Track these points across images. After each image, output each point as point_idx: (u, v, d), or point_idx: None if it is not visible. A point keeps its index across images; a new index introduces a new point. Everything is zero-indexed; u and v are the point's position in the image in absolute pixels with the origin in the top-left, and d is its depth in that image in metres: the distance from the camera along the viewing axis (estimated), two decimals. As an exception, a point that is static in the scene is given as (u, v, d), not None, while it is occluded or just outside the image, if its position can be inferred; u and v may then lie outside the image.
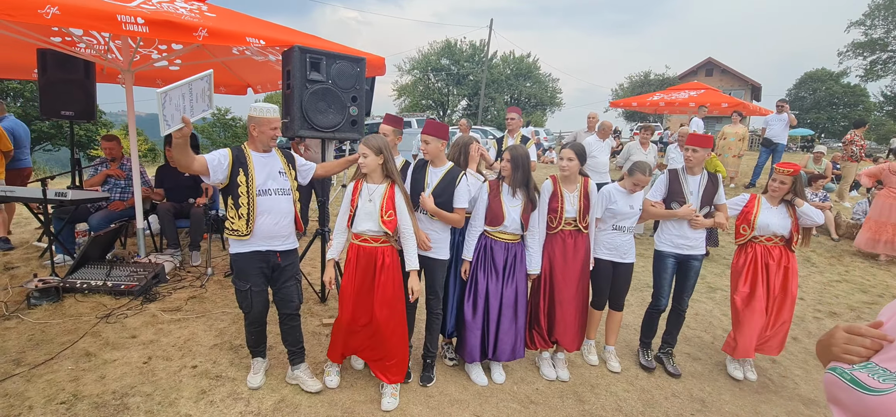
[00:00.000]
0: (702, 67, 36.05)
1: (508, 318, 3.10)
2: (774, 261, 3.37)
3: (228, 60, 6.02)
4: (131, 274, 4.07)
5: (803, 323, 4.62)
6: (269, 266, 2.72)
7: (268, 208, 2.65)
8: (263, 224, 2.65)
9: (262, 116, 2.67)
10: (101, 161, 5.23)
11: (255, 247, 2.66)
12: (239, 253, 2.66)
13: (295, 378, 2.93)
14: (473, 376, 3.18)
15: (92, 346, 3.20)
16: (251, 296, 2.69)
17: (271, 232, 2.68)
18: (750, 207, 3.42)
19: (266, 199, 2.65)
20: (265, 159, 2.73)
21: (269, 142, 2.74)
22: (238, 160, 2.64)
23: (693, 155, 3.32)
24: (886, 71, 35.10)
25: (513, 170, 3.00)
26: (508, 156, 3.02)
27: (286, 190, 2.75)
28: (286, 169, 2.79)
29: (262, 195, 2.64)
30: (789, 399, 3.28)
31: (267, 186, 2.67)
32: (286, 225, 2.74)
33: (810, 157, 9.42)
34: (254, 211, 2.61)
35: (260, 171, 2.67)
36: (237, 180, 2.61)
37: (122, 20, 3.21)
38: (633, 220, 3.33)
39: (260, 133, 2.69)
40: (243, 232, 2.60)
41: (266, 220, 2.65)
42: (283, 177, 2.75)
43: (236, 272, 2.72)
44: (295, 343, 2.93)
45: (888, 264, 6.16)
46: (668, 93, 13.41)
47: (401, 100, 39.93)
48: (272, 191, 2.68)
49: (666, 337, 3.60)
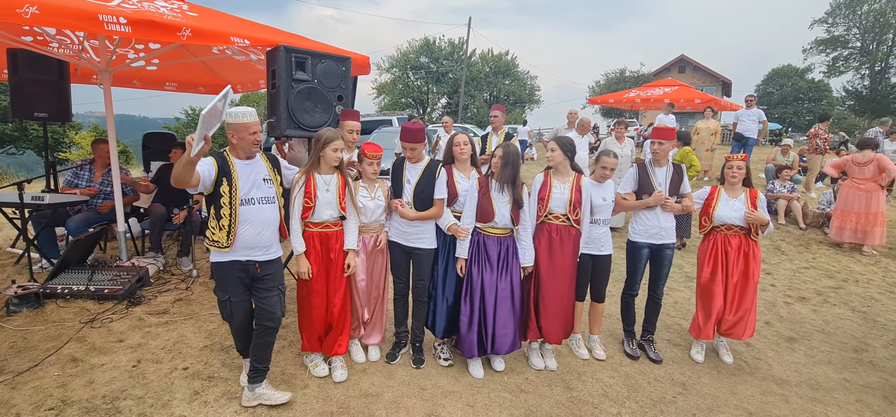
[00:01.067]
0: (675, 64, 36.94)
1: (505, 311, 3.18)
2: (733, 249, 3.54)
3: (208, 60, 5.93)
4: (114, 278, 4.00)
5: (775, 307, 4.85)
6: (248, 276, 2.62)
7: (250, 218, 2.56)
8: (245, 235, 2.55)
9: (239, 122, 2.51)
10: (85, 162, 5.09)
11: (235, 257, 2.56)
12: (218, 263, 2.57)
13: (256, 398, 2.68)
14: (472, 370, 3.24)
15: (78, 352, 3.14)
16: (231, 307, 2.60)
17: (252, 243, 2.58)
18: (710, 200, 3.59)
19: (249, 209, 2.55)
20: (249, 166, 2.60)
21: (252, 148, 2.59)
22: (222, 169, 2.52)
23: (659, 147, 3.49)
24: (847, 67, 36.70)
25: (503, 167, 3.07)
26: (500, 153, 3.10)
27: (271, 198, 2.65)
28: (271, 175, 2.69)
29: (245, 205, 2.54)
30: (763, 380, 3.46)
31: (251, 195, 2.57)
32: (269, 235, 2.65)
33: (778, 150, 9.84)
34: (235, 222, 2.51)
35: (244, 180, 2.55)
36: (220, 190, 2.50)
37: (104, 20, 3.16)
38: (608, 212, 3.44)
39: (240, 140, 2.55)
40: (223, 243, 2.51)
41: (247, 231, 2.55)
42: (268, 184, 2.65)
43: (216, 282, 2.65)
44: (264, 360, 2.71)
45: (851, 251, 6.50)
46: (643, 90, 13.76)
47: (380, 98, 39.73)
48: (256, 199, 2.58)
49: (646, 325, 3.75)
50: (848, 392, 3.36)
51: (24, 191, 4.06)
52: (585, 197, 3.26)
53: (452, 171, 3.28)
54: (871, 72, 35.66)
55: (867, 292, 5.30)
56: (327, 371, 3.05)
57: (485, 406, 2.89)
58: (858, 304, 4.97)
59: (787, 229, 7.46)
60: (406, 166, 3.19)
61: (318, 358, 3.10)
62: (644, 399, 3.11)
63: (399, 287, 3.33)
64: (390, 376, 3.16)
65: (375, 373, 3.18)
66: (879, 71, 35.22)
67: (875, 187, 6.19)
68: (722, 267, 3.56)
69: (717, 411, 3.02)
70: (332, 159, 2.88)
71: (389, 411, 2.78)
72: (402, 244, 3.21)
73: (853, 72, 36.80)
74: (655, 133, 3.57)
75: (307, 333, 3.05)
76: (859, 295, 5.19)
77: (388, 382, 3.08)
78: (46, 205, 4.23)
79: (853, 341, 4.18)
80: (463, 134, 3.36)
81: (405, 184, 3.16)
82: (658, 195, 3.45)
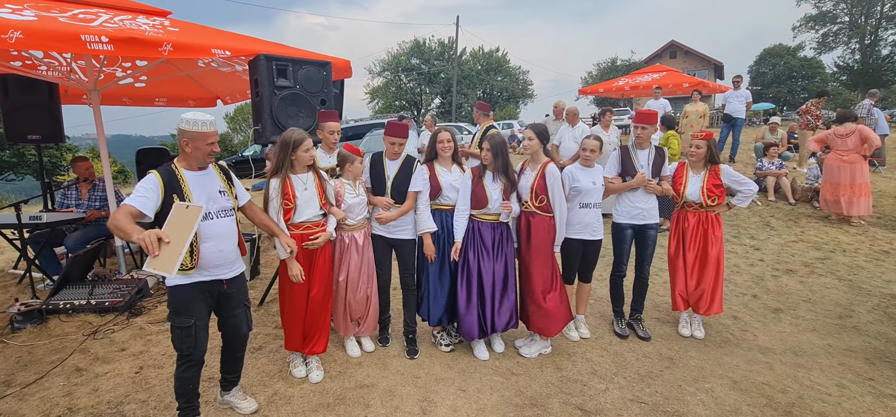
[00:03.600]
0: (666, 50, 37.08)
1: (501, 291, 3.33)
2: (690, 227, 3.67)
3: (195, 73, 6.03)
4: (115, 291, 4.10)
5: (762, 281, 4.95)
6: (213, 296, 2.47)
7: (211, 234, 2.37)
8: (208, 252, 2.36)
9: (195, 131, 2.31)
10: (71, 184, 5.20)
11: (200, 278, 2.37)
12: (180, 286, 2.34)
13: (226, 404, 2.75)
14: (477, 352, 3.39)
15: (82, 362, 3.24)
16: (195, 332, 2.36)
17: (216, 260, 2.41)
18: (679, 176, 3.69)
19: (208, 224, 2.36)
20: (201, 178, 2.41)
21: (206, 160, 2.41)
22: (170, 185, 2.30)
23: (642, 132, 3.58)
24: (837, 42, 36.84)
25: (494, 157, 3.24)
26: (488, 146, 3.27)
27: (228, 210, 2.49)
28: (226, 187, 2.52)
29: (204, 220, 2.33)
30: (749, 350, 3.56)
31: (208, 209, 2.37)
32: (231, 249, 2.49)
33: (767, 128, 9.94)
34: (196, 240, 2.31)
35: (198, 194, 2.36)
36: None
37: (87, 40, 3.25)
38: (599, 196, 3.52)
39: (195, 149, 2.36)
40: (188, 264, 2.29)
41: (210, 247, 2.37)
42: (224, 196, 2.48)
43: (175, 307, 2.37)
44: (234, 370, 2.73)
45: (839, 222, 6.59)
46: (632, 78, 13.84)
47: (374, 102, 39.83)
48: (213, 213, 2.40)
49: (634, 304, 3.85)
50: (831, 357, 3.46)
51: (21, 212, 4.15)
52: (551, 183, 3.25)
53: (435, 167, 3.39)
54: (862, 45, 35.80)
55: (854, 261, 5.39)
56: (305, 372, 3.10)
57: (477, 390, 2.99)
58: (845, 273, 5.06)
59: (777, 205, 7.55)
60: (385, 162, 3.32)
61: (297, 359, 3.15)
62: (632, 374, 3.21)
63: (383, 278, 3.46)
64: (385, 367, 3.26)
65: (370, 365, 3.28)
66: (869, 44, 35.35)
67: (858, 158, 6.28)
68: (680, 243, 3.73)
69: (703, 380, 3.11)
70: (306, 159, 2.91)
71: (384, 399, 2.88)
72: (386, 236, 3.34)
73: (843, 47, 36.96)
74: (638, 118, 3.67)
75: (289, 332, 3.08)
76: (846, 265, 5.29)
77: (383, 373, 3.18)
78: (44, 224, 4.33)
79: (838, 308, 4.28)
80: (446, 131, 3.47)
81: (386, 179, 3.29)
82: (641, 177, 3.54)
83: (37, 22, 3.18)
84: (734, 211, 6.84)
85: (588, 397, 2.92)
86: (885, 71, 34.34)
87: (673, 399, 2.89)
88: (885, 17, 34.16)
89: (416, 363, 3.31)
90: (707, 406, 2.83)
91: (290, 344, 3.11)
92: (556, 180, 3.27)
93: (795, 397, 2.92)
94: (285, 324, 3.09)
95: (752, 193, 3.63)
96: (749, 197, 3.65)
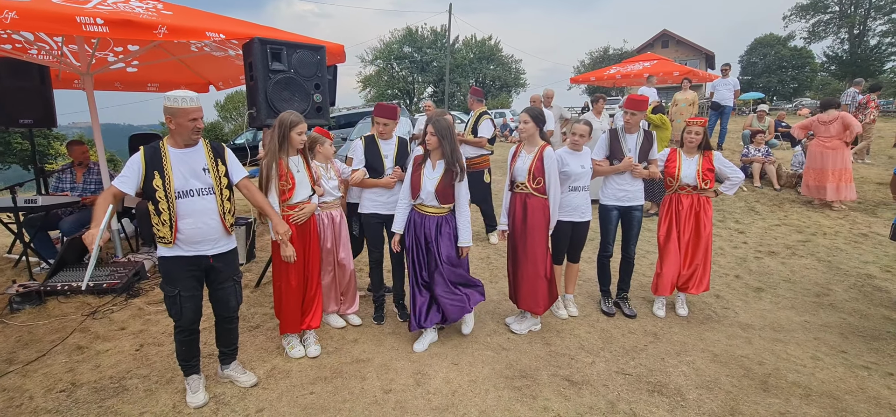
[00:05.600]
0: (658, 39, 37.17)
1: (442, 285, 3.21)
2: (685, 208, 3.77)
3: (187, 58, 6.02)
4: (112, 273, 4.15)
5: (745, 262, 5.11)
6: (200, 269, 2.54)
7: (189, 211, 2.43)
8: (187, 228, 2.43)
9: (177, 107, 2.36)
10: (65, 167, 5.20)
11: (181, 253, 2.46)
12: (165, 258, 2.47)
13: (226, 377, 2.87)
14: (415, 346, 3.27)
15: (82, 341, 3.31)
16: (180, 302, 2.48)
17: (197, 237, 2.47)
18: (672, 162, 3.79)
19: (187, 202, 2.42)
20: (186, 155, 2.47)
21: (191, 136, 2.45)
22: (151, 161, 2.39)
23: (631, 117, 3.68)
24: (827, 32, 37.15)
25: (440, 141, 3.07)
26: (432, 130, 3.07)
27: (209, 188, 2.50)
28: (211, 165, 2.53)
29: (183, 197, 2.41)
30: (730, 326, 3.71)
31: (188, 186, 2.43)
32: (213, 226, 2.51)
33: (754, 116, 10.11)
34: (174, 216, 2.40)
35: (179, 170, 2.42)
36: (153, 184, 2.38)
37: (82, 21, 3.27)
38: (586, 180, 3.62)
39: (178, 126, 2.41)
40: (168, 238, 2.41)
41: (189, 224, 2.43)
42: (208, 174, 2.50)
43: (163, 276, 2.51)
44: (229, 344, 2.83)
45: (822, 207, 6.78)
46: (623, 66, 13.94)
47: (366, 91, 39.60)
48: (195, 191, 2.45)
49: (620, 283, 3.98)
50: (807, 332, 3.62)
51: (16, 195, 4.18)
52: (549, 165, 3.29)
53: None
54: (850, 35, 36.14)
55: (834, 243, 5.58)
56: (303, 351, 3.18)
57: (469, 364, 3.10)
58: (824, 255, 5.24)
59: (763, 191, 7.73)
60: (379, 142, 3.42)
61: (294, 340, 3.20)
62: (617, 348, 3.34)
63: (376, 255, 3.60)
64: (380, 343, 3.36)
65: (366, 341, 3.38)
66: (858, 34, 35.69)
67: (841, 144, 6.45)
68: (675, 225, 3.80)
69: (685, 354, 3.26)
70: (297, 142, 3.00)
71: (379, 372, 2.99)
72: (382, 213, 3.48)
73: (833, 37, 37.29)
74: (628, 103, 3.75)
75: (285, 316, 3.11)
76: (826, 247, 5.47)
77: (378, 348, 3.29)
78: (40, 207, 4.35)
79: (816, 287, 4.45)
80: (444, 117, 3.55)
81: (384, 158, 3.45)
82: (628, 161, 3.65)
83: (31, 3, 3.19)
84: (721, 197, 7.00)
85: (575, 369, 3.05)
86: (873, 60, 34.74)
87: (656, 371, 3.03)
88: (874, 6, 34.49)
89: (410, 338, 3.41)
90: (688, 376, 2.97)
91: (285, 328, 3.15)
92: (553, 163, 3.30)
93: (772, 368, 3.07)
94: (280, 307, 3.10)
95: (739, 181, 3.77)
96: (736, 185, 3.78)
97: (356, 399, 2.72)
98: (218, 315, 2.75)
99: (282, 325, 3.17)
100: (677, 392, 2.80)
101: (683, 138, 3.76)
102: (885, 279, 4.56)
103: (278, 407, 2.64)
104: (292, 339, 3.22)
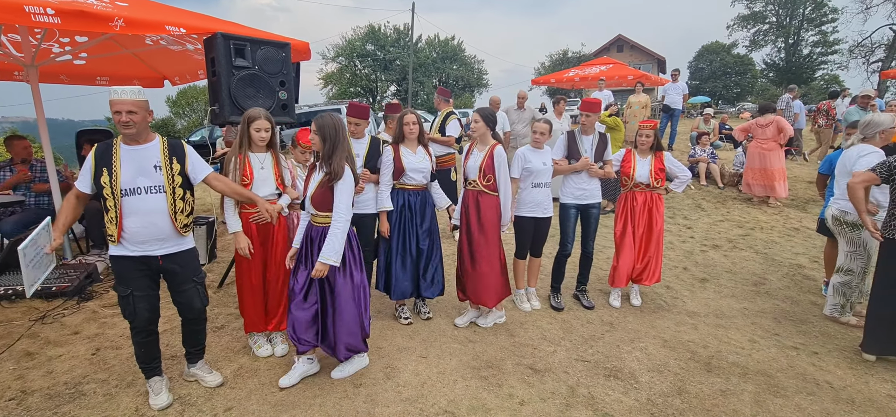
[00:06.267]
0: (613, 44, 38.68)
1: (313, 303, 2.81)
2: (639, 205, 4.03)
3: (141, 52, 5.78)
4: (61, 276, 3.95)
5: (692, 255, 5.48)
6: (151, 270, 2.49)
7: (135, 209, 2.37)
8: (131, 227, 2.37)
9: (110, 100, 2.32)
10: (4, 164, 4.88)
11: (127, 252, 2.41)
12: (115, 257, 2.44)
13: (192, 376, 2.83)
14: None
15: (31, 347, 3.15)
16: (133, 302, 2.43)
17: (142, 236, 2.41)
18: (628, 162, 4.04)
19: (133, 200, 2.37)
20: (136, 152, 2.40)
21: (123, 131, 2.37)
22: (101, 158, 2.37)
23: (586, 119, 3.88)
24: (766, 41, 39.83)
25: (321, 142, 2.66)
26: (315, 127, 2.69)
27: (160, 187, 2.43)
28: (164, 163, 2.45)
29: (129, 195, 2.36)
30: (678, 314, 3.99)
31: (135, 184, 2.38)
32: (162, 225, 2.44)
33: (701, 119, 10.76)
34: (119, 213, 2.36)
35: (128, 168, 2.37)
36: (101, 181, 2.35)
37: (31, 11, 3.11)
38: (547, 176, 3.79)
39: (114, 119, 2.35)
40: (115, 237, 2.38)
41: (133, 223, 2.37)
42: (159, 171, 2.43)
43: (115, 276, 2.49)
44: (195, 344, 2.80)
45: (759, 204, 7.35)
46: (581, 69, 14.47)
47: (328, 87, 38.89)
48: (142, 188, 2.39)
49: (580, 277, 4.19)
50: (745, 318, 3.95)
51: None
52: (498, 163, 3.42)
53: (400, 149, 3.53)
54: (786, 45, 38.91)
55: (770, 237, 6.07)
56: (270, 350, 3.17)
57: (437, 356, 3.20)
58: (761, 247, 5.70)
59: (708, 189, 8.27)
60: (351, 142, 3.41)
61: (260, 339, 3.19)
62: (577, 337, 3.53)
63: None
64: (349, 340, 3.39)
65: (334, 339, 3.40)
66: (793, 44, 38.48)
67: (775, 146, 7.01)
68: (631, 220, 4.05)
69: (638, 341, 3.49)
70: (256, 138, 2.94)
71: (349, 368, 3.02)
72: None
73: (771, 46, 40.02)
74: (583, 106, 3.95)
75: (248, 314, 3.08)
76: (763, 240, 5.95)
77: (347, 345, 3.32)
78: (-22, 208, 4.08)
79: (754, 277, 4.85)
80: (412, 113, 3.60)
81: (355, 157, 3.42)
82: (585, 160, 3.85)
83: (-27, -9, 3.00)
84: (671, 195, 7.44)
85: (538, 358, 3.21)
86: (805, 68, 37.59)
87: (612, 357, 3.23)
88: (806, 19, 37.32)
89: (379, 334, 3.47)
90: (640, 361, 3.19)
91: (249, 327, 3.12)
92: (502, 161, 3.46)
93: (715, 351, 3.35)
94: (244, 306, 3.09)
95: (687, 180, 4.05)
96: (684, 183, 4.06)
97: (326, 394, 2.75)
98: (184, 316, 2.71)
99: (246, 324, 3.14)
100: (631, 376, 3.00)
101: (636, 140, 4.01)
102: (813, 268, 5.02)
103: (247, 405, 2.63)
104: (258, 338, 3.20)
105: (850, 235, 3.61)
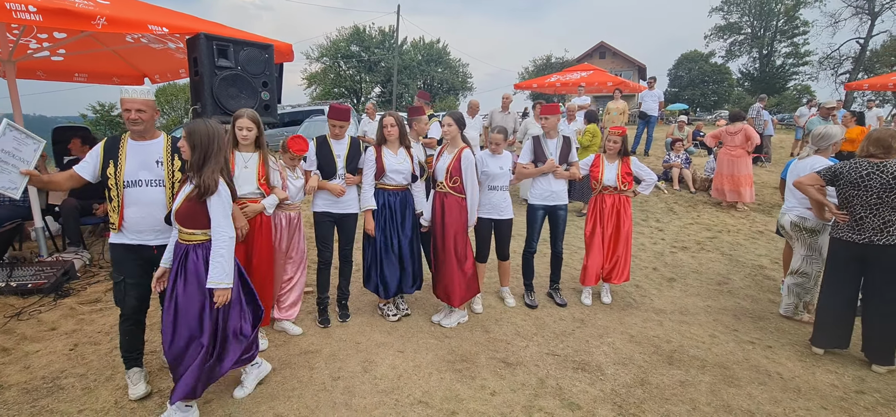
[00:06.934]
0: (596, 51, 39.36)
1: None
2: (607, 207, 4.22)
3: (122, 49, 5.76)
4: (37, 273, 3.93)
5: (662, 256, 5.71)
6: (144, 258, 2.62)
7: (135, 199, 2.54)
8: (131, 216, 2.55)
9: (121, 98, 2.52)
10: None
11: (126, 240, 2.58)
12: (113, 244, 2.61)
13: None
14: None
15: (7, 343, 3.16)
16: (124, 289, 2.59)
17: (140, 226, 2.57)
18: (596, 167, 4.22)
19: (134, 191, 2.54)
20: (141, 147, 2.59)
21: (131, 127, 2.56)
22: (109, 152, 2.55)
23: (546, 122, 4.04)
24: (741, 51, 41.08)
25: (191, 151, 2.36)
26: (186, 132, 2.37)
27: (159, 181, 2.58)
28: (166, 159, 2.62)
29: (131, 186, 2.54)
30: (646, 311, 4.19)
31: (137, 176, 2.55)
32: (160, 218, 2.58)
33: (675, 126, 11.12)
34: (121, 203, 2.54)
35: (132, 161, 2.55)
36: (107, 172, 2.53)
37: (12, 8, 3.14)
38: (505, 180, 3.92)
39: (124, 116, 2.56)
40: (116, 224, 2.56)
41: (133, 213, 2.54)
42: (161, 167, 2.60)
43: (112, 263, 2.68)
44: None
45: (728, 208, 7.66)
46: (563, 75, 14.75)
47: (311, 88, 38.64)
48: (144, 181, 2.56)
49: (552, 276, 4.35)
50: (708, 315, 4.16)
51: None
52: (465, 166, 3.54)
53: (382, 150, 3.62)
54: (761, 55, 40.20)
55: (736, 240, 6.35)
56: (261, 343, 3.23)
57: (414, 351, 3.31)
58: (727, 249, 5.97)
59: (680, 193, 8.57)
60: (331, 143, 3.51)
61: None
62: (549, 333, 3.68)
63: (326, 256, 3.63)
64: (328, 335, 3.49)
65: (314, 335, 3.49)
66: (766, 54, 39.78)
67: (743, 153, 7.32)
68: (599, 222, 4.23)
69: (607, 336, 3.66)
70: (239, 137, 2.98)
71: (328, 362, 3.12)
72: (333, 212, 3.54)
73: (746, 56, 41.29)
74: (543, 110, 4.11)
75: None
76: (729, 242, 6.23)
77: (326, 340, 3.41)
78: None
79: (719, 277, 5.09)
80: (390, 116, 3.68)
81: (336, 158, 3.51)
82: (551, 163, 4.00)
83: (-48, -13, 3.01)
84: (644, 198, 7.71)
85: (511, 352, 3.35)
86: (778, 79, 38.89)
87: (581, 352, 3.39)
88: (779, 31, 38.64)
89: (358, 330, 3.57)
90: (607, 355, 3.36)
91: None
92: (470, 164, 3.56)
93: (677, 345, 3.54)
94: None
95: (652, 182, 4.24)
96: (650, 185, 4.26)
97: (305, 386, 2.84)
98: None
99: None
100: (598, 368, 3.16)
101: (605, 145, 4.19)
102: (774, 269, 5.29)
103: (226, 398, 2.70)
104: None
105: (808, 240, 3.85)
